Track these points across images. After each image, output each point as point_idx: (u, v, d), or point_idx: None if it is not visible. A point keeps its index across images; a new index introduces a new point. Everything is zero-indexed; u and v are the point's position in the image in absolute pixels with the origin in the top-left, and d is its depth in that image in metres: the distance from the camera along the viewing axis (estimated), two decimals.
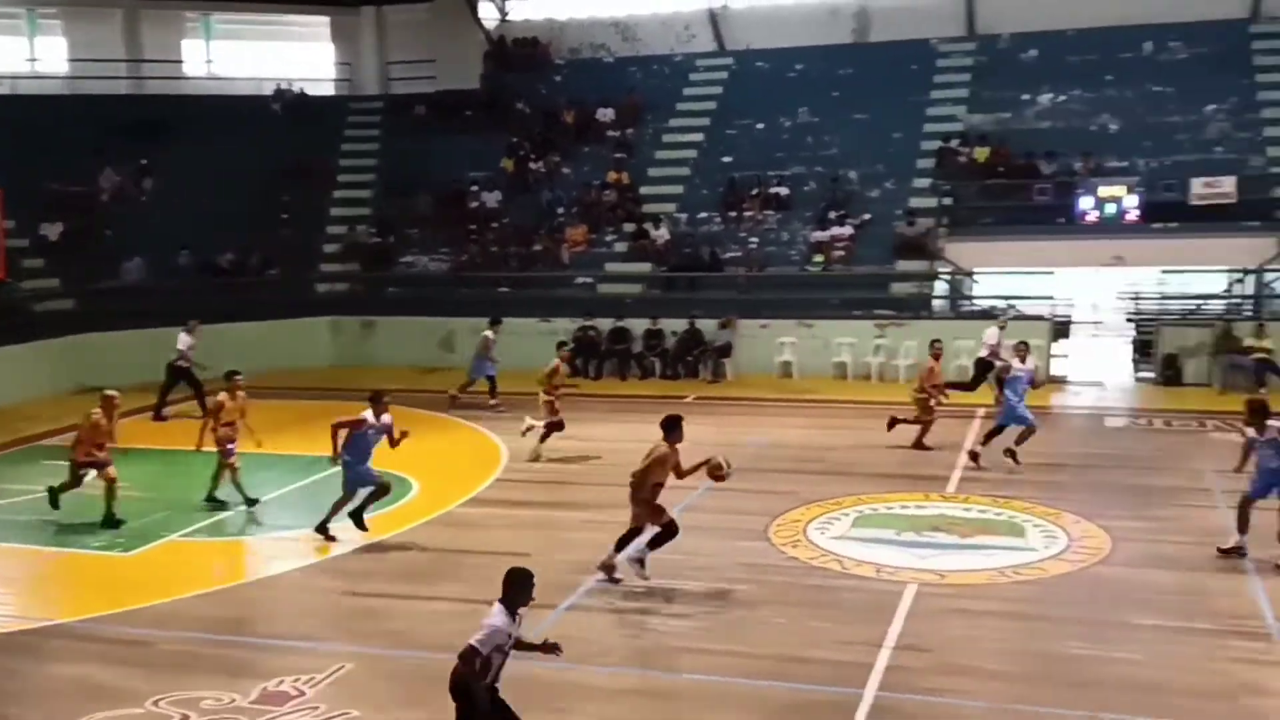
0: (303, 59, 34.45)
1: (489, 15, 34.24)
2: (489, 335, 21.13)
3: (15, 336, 22.25)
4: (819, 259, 25.49)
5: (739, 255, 26.24)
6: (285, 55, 34.26)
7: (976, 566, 11.99)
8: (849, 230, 25.75)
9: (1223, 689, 9.09)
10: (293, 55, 34.39)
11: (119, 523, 13.78)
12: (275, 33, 34.45)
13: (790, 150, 28.85)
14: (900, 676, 9.33)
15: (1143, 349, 23.75)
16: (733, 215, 27.39)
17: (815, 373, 23.62)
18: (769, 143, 29.20)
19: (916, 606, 10.84)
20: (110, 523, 13.77)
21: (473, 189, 29.51)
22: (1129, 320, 25.68)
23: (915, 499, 14.57)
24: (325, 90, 34.20)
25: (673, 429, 11.45)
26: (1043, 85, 28.49)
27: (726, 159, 29.14)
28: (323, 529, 13.14)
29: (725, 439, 17.28)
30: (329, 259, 29.11)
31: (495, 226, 28.57)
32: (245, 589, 12.19)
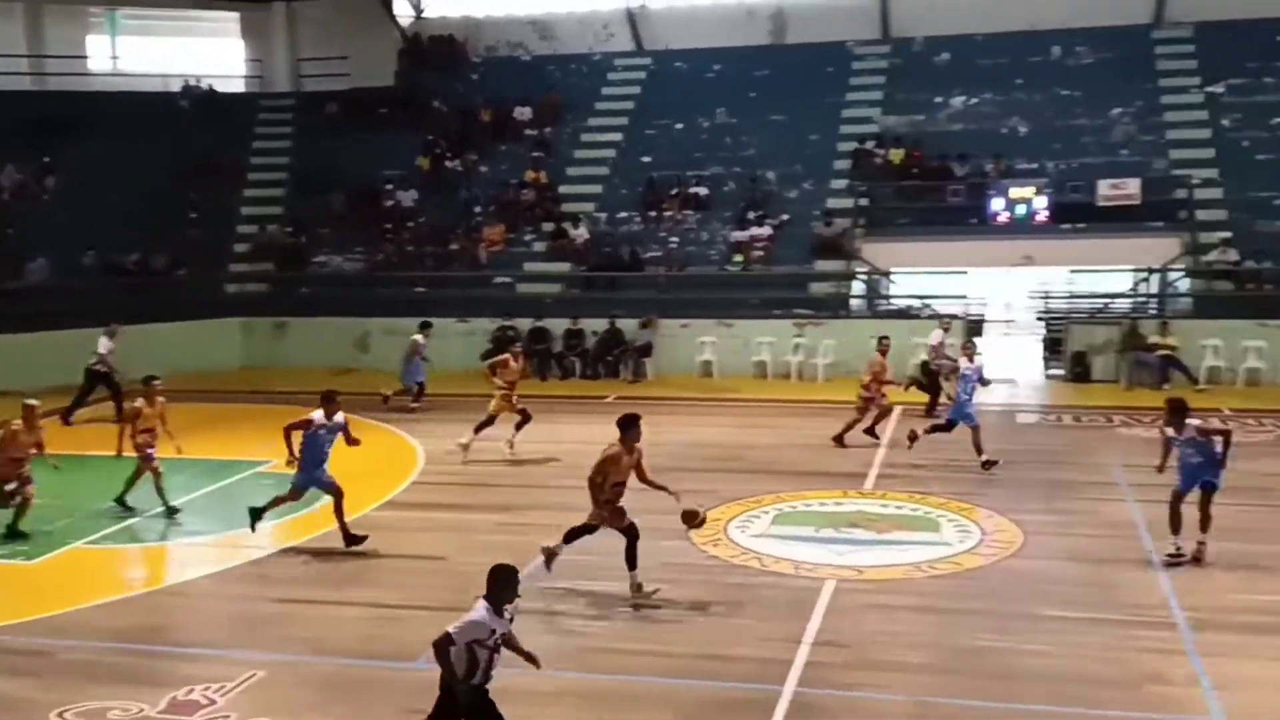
0: (212, 55, 33.68)
1: (404, 12, 33.84)
2: (418, 339, 20.82)
3: None
4: (738, 259, 25.63)
5: (659, 255, 26.28)
6: (193, 51, 33.47)
7: (893, 562, 12.11)
8: (768, 230, 25.94)
9: (1130, 678, 9.27)
10: (201, 51, 33.61)
11: (24, 535, 13.30)
12: (183, 28, 33.68)
13: (709, 150, 28.99)
14: (819, 672, 9.37)
15: (1053, 347, 24.31)
16: (652, 215, 27.42)
17: (735, 372, 23.75)
18: (688, 143, 29.30)
19: (835, 602, 10.91)
20: (14, 535, 13.28)
21: (387, 188, 29.15)
22: (1039, 319, 26.24)
23: (834, 496, 14.68)
24: (235, 87, 33.51)
25: (628, 428, 11.11)
26: (955, 88, 29.01)
27: (645, 159, 29.18)
28: (255, 516, 12.78)
29: (646, 438, 17.09)
30: (239, 258, 28.57)
31: (411, 226, 28.26)
32: (154, 596, 11.81)
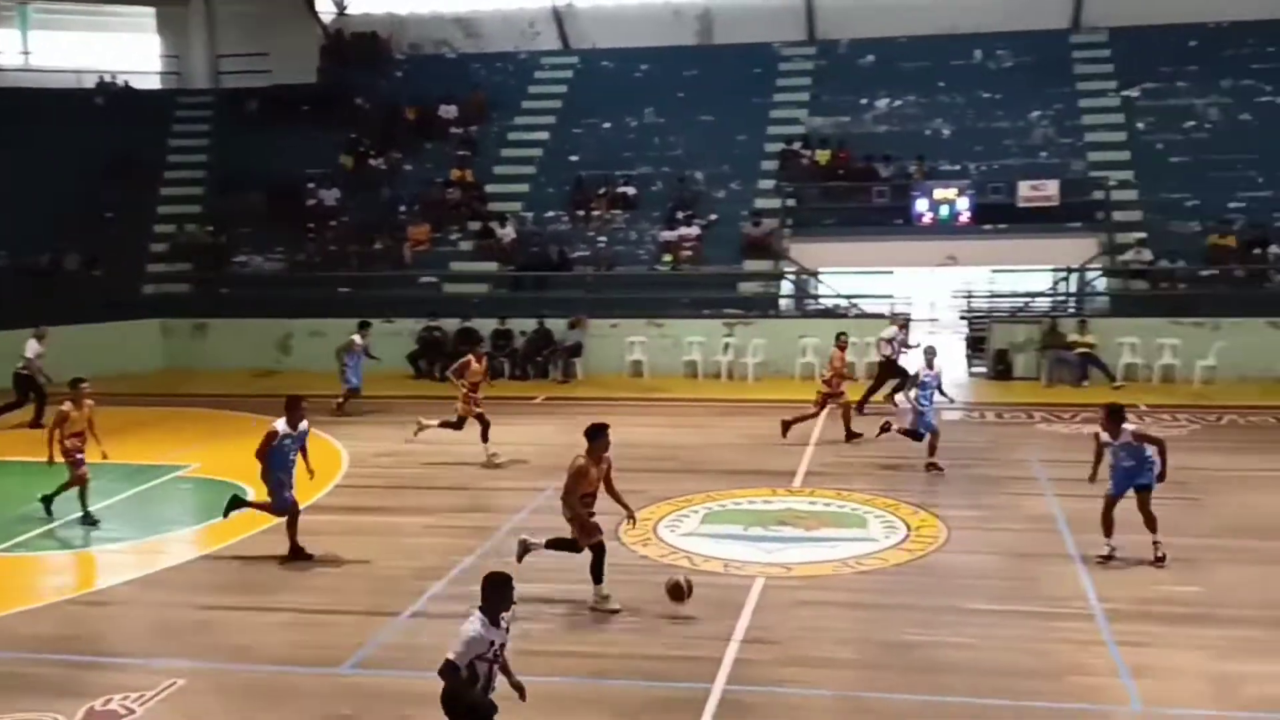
0: (127, 51, 32.90)
1: (326, 9, 33.34)
2: (355, 339, 20.47)
3: None
4: (667, 259, 25.64)
5: (587, 254, 26.21)
6: (108, 47, 32.65)
7: (821, 558, 12.16)
8: (696, 230, 26.00)
9: (1051, 668, 9.40)
10: (116, 47, 32.80)
11: None
12: (97, 23, 32.86)
13: (637, 150, 28.98)
14: (748, 669, 9.37)
15: (976, 345, 24.67)
16: (580, 214, 27.33)
17: (665, 372, 23.75)
18: (616, 142, 29.26)
19: (764, 600, 10.92)
20: None
21: (309, 186, 28.71)
22: (963, 318, 26.63)
23: (763, 494, 14.72)
24: (152, 84, 32.75)
25: (596, 437, 10.66)
26: (879, 90, 29.33)
27: (573, 158, 29.08)
28: (231, 507, 12.67)
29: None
30: (157, 259, 27.91)
31: (334, 225, 27.85)
32: (71, 604, 11.41)
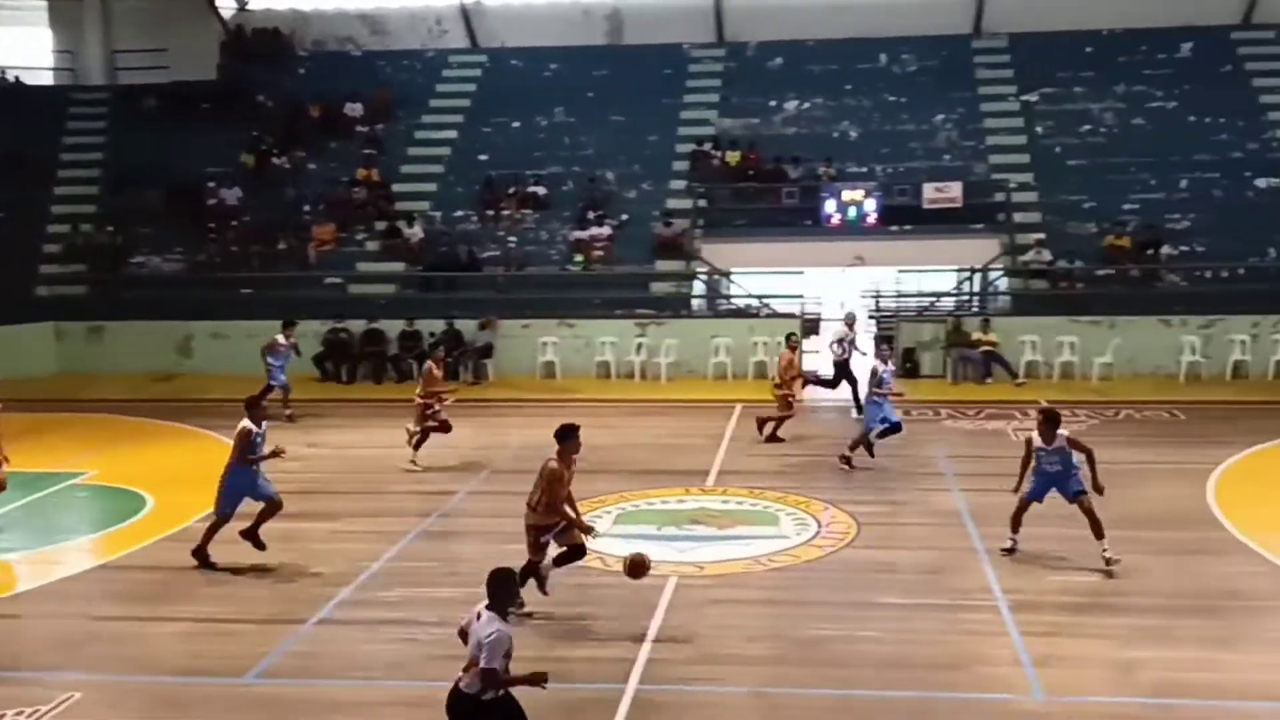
0: (17, 45, 31.74)
1: (226, 4, 32.54)
2: (278, 338, 20.02)
3: None
4: (579, 259, 25.55)
5: (497, 254, 25.99)
6: None
7: (733, 556, 12.20)
8: (608, 230, 25.95)
9: (958, 659, 9.57)
10: (5, 41, 31.65)
11: None
12: None
13: (547, 150, 28.84)
14: (660, 669, 9.35)
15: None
16: (490, 214, 27.10)
17: (578, 372, 23.65)
18: (525, 142, 29.08)
19: (676, 599, 10.91)
20: None
21: (210, 185, 28.02)
22: (871, 317, 26.99)
23: (676, 494, 14.72)
24: (44, 79, 31.66)
25: (567, 438, 10.26)
26: (788, 93, 29.62)
27: (482, 157, 28.82)
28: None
29: (488, 441, 17.05)
30: (50, 259, 27.00)
31: (235, 225, 27.22)
32: None
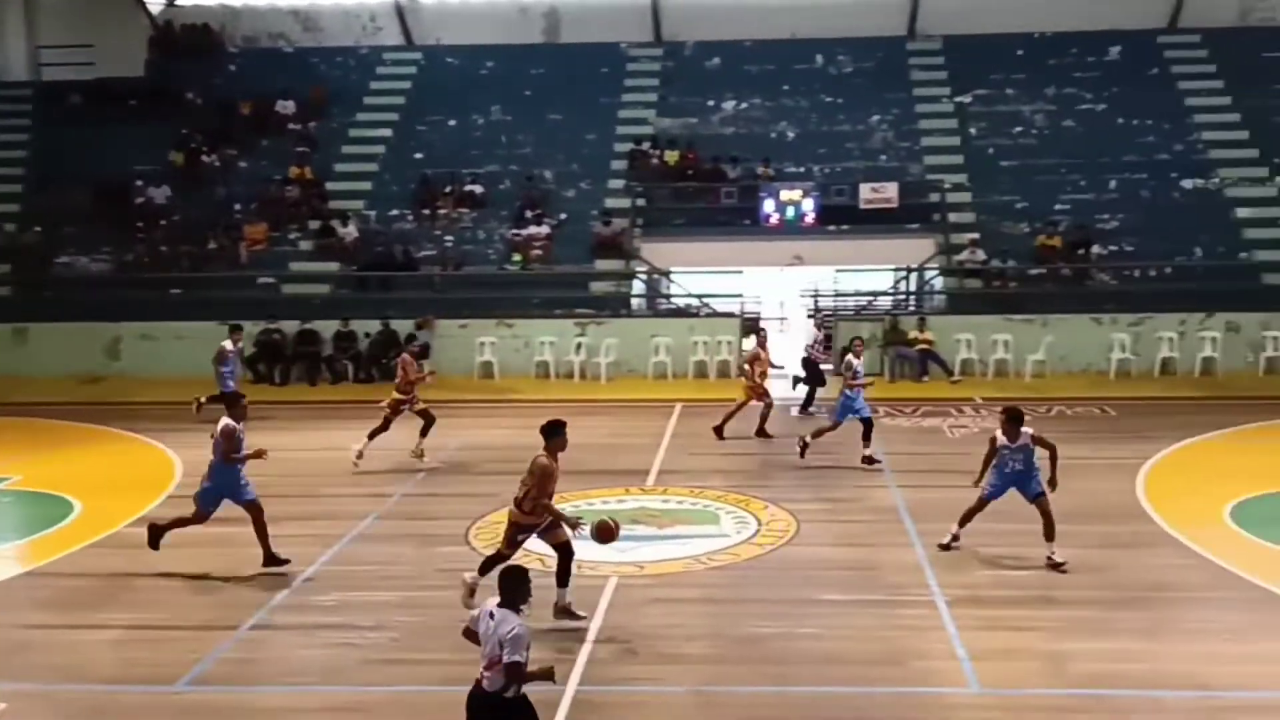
0: None
1: None
2: (226, 345, 19.62)
3: None
4: (517, 258, 25.40)
5: (434, 254, 25.77)
6: None
7: (674, 556, 12.20)
8: (546, 229, 25.84)
9: (895, 655, 9.65)
10: None
11: None
12: None
13: (484, 148, 28.66)
14: (600, 669, 9.32)
15: (823, 343, 25.18)
16: (426, 213, 26.85)
17: (517, 372, 23.50)
18: (462, 140, 28.88)
19: (617, 599, 10.89)
20: None
21: (138, 184, 27.45)
22: (810, 316, 27.20)
23: (616, 494, 14.68)
24: None
25: (554, 434, 10.15)
26: (726, 93, 29.72)
27: (418, 155, 28.58)
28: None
29: (426, 443, 16.83)
30: None
31: (164, 224, 26.68)
32: None
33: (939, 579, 11.27)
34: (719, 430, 17.61)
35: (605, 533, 10.12)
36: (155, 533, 11.82)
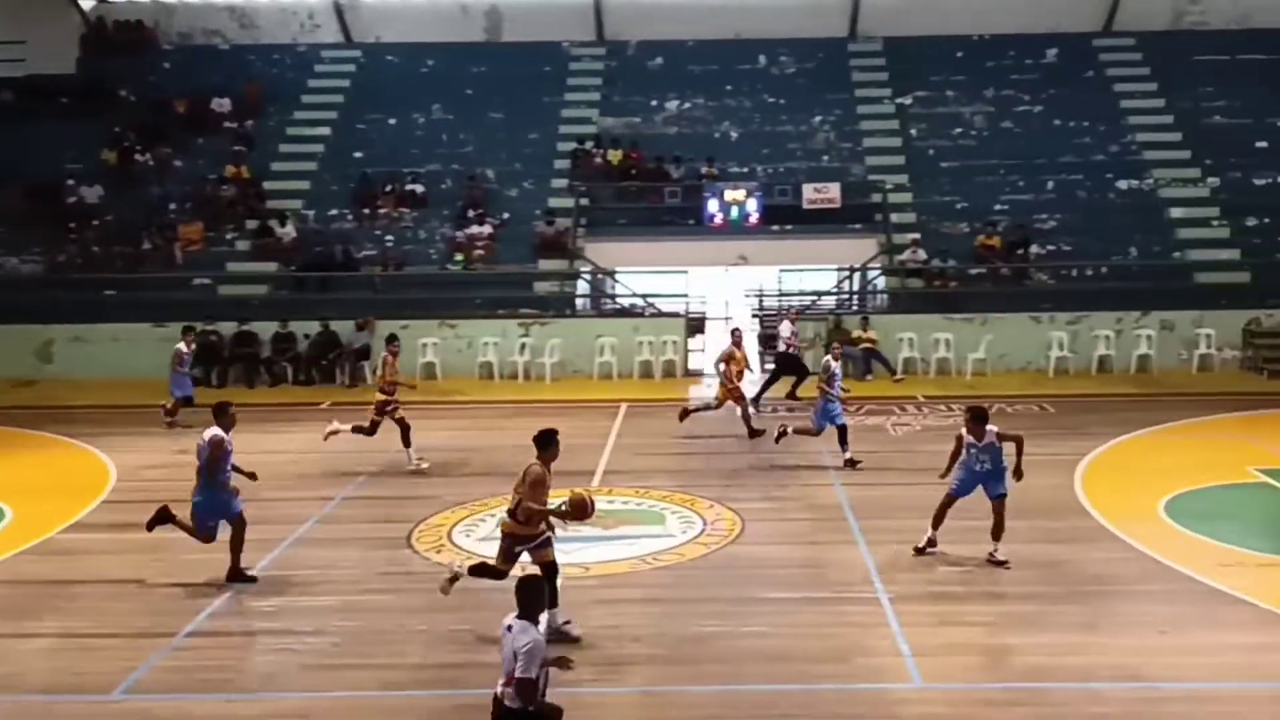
0: None
1: None
2: (180, 348, 19.23)
3: None
4: (459, 258, 25.21)
5: (374, 254, 25.49)
6: None
7: (619, 556, 12.15)
8: (488, 229, 25.67)
9: (840, 652, 9.70)
10: None
11: None
12: None
13: (425, 147, 28.44)
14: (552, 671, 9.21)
15: (767, 342, 25.30)
16: (366, 213, 26.58)
17: (460, 373, 23.30)
18: (402, 139, 28.65)
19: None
20: None
21: (69, 183, 26.90)
22: (754, 316, 27.29)
23: (560, 495, 14.51)
24: None
25: (548, 445, 9.97)
26: (669, 93, 29.78)
27: (358, 154, 28.30)
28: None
29: (365, 445, 16.64)
30: None
31: (97, 224, 26.16)
32: None
33: (883, 576, 11.34)
34: (681, 415, 17.90)
35: (580, 508, 9.88)
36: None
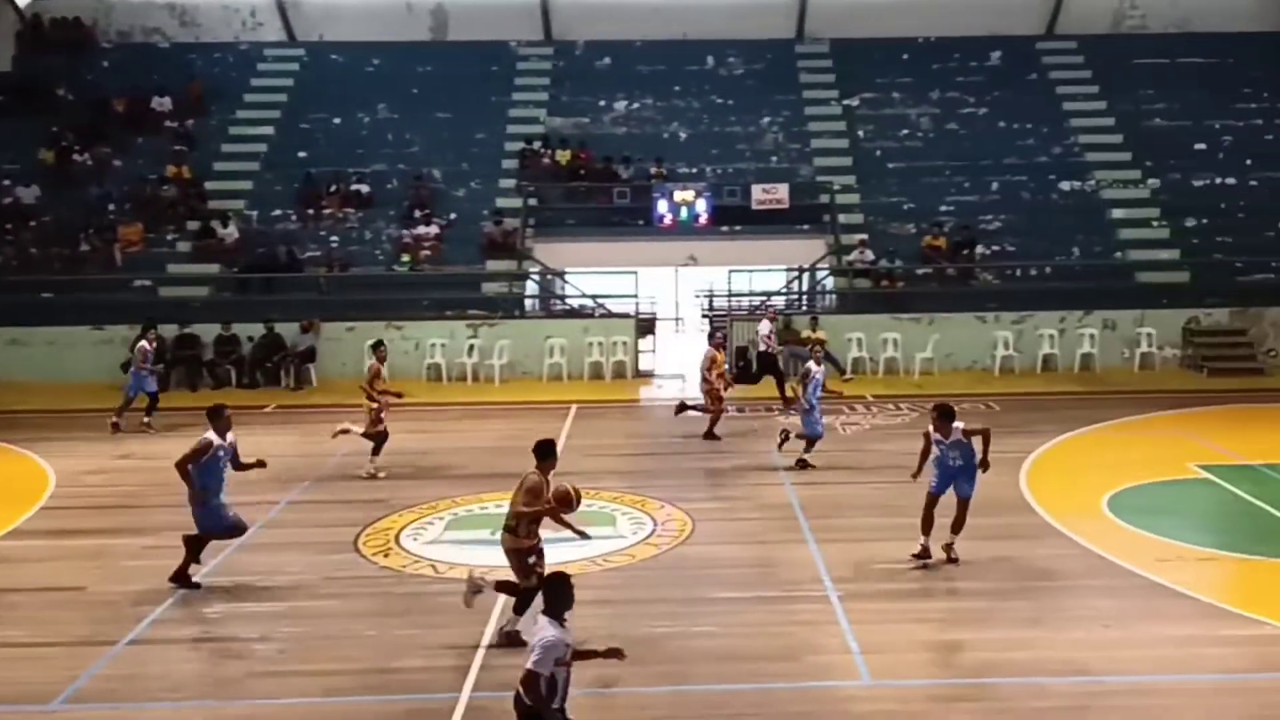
0: None
1: None
2: (144, 345, 18.80)
3: None
4: (406, 259, 24.96)
5: (319, 255, 25.15)
6: None
7: (570, 558, 12.03)
8: (435, 229, 25.45)
9: (790, 650, 9.73)
10: None
11: None
12: None
13: (370, 147, 28.15)
14: (495, 675, 9.15)
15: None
16: (310, 213, 26.24)
17: (407, 375, 23.00)
18: (347, 138, 28.32)
19: (510, 603, 10.69)
20: None
21: (5, 183, 26.33)
22: (704, 316, 27.30)
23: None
24: None
25: (547, 455, 9.99)
26: (617, 93, 29.71)
27: (302, 154, 27.93)
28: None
29: (311, 449, 16.47)
30: None
31: (34, 225, 25.60)
32: None
33: (832, 574, 11.39)
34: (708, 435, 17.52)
35: (564, 500, 9.86)
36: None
